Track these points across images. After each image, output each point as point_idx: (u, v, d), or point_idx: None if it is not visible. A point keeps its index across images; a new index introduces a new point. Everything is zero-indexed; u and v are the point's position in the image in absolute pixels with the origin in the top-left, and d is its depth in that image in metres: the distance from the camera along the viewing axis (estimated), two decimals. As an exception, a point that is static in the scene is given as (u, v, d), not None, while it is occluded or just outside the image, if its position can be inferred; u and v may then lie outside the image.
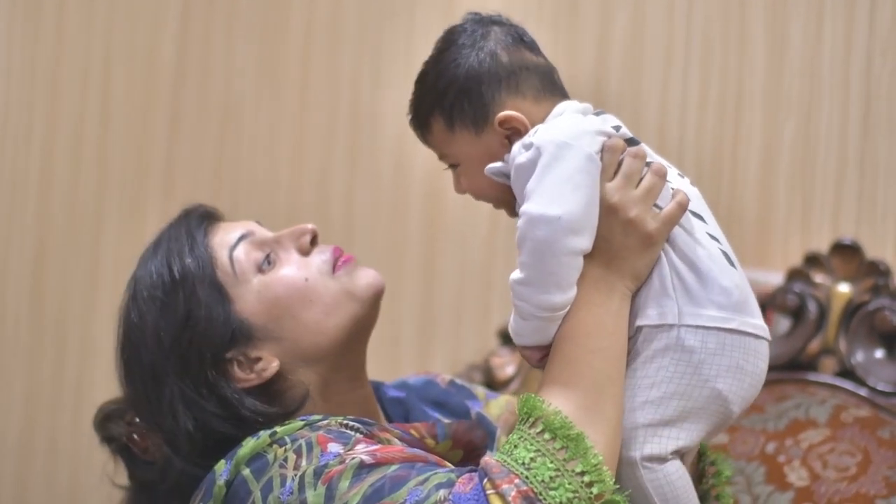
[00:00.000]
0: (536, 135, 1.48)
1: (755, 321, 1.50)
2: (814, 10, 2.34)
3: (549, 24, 2.56)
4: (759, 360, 1.50)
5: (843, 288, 2.08)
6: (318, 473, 1.42)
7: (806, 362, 2.07)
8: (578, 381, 1.43)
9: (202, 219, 1.66)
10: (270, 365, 1.60)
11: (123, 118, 2.82)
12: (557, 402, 1.41)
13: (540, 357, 1.50)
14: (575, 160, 1.45)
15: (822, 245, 2.20)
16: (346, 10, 2.72)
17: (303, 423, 1.53)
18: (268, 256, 1.63)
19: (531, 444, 1.38)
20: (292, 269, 1.62)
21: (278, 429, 1.51)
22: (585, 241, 1.45)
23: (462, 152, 1.57)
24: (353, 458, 1.42)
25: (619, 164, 1.49)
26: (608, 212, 1.46)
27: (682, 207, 1.50)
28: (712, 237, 1.53)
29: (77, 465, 2.82)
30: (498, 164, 1.52)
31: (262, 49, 2.78)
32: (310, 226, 1.66)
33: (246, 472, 1.48)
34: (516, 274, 1.46)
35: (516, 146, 1.50)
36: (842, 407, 1.97)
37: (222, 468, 1.51)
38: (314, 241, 1.67)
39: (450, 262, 2.60)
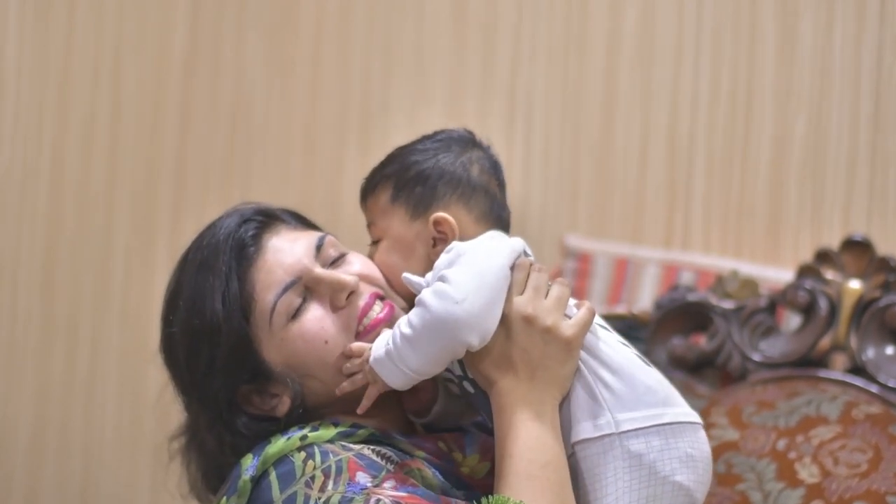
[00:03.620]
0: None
1: (684, 409, 1.54)
2: (824, 5, 2.34)
3: (559, 20, 2.56)
4: (701, 444, 1.54)
5: (854, 284, 2.07)
6: None
7: (817, 359, 2.07)
8: (542, 495, 1.45)
9: (251, 241, 1.60)
10: (283, 404, 1.60)
11: (134, 114, 2.83)
12: None
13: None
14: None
15: (833, 241, 2.19)
16: (356, 4, 2.73)
17: (335, 431, 1.54)
18: (302, 304, 1.58)
19: None
20: (316, 326, 1.58)
21: (309, 433, 1.53)
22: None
23: (390, 228, 1.61)
24: (379, 501, 1.42)
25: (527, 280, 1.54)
26: (526, 323, 1.50)
27: (592, 313, 1.55)
28: (623, 344, 1.58)
29: (88, 462, 2.83)
30: (419, 280, 1.55)
31: (272, 43, 2.78)
32: (350, 283, 1.58)
33: (272, 475, 1.49)
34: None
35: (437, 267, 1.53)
36: (853, 403, 1.97)
37: (249, 462, 1.52)
38: (351, 295, 1.59)
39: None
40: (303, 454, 1.49)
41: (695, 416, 1.55)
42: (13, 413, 2.82)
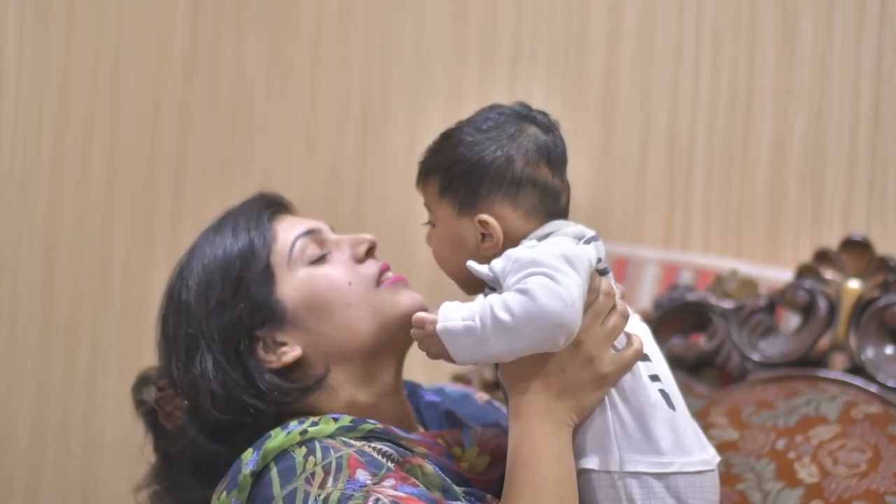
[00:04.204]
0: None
1: (695, 458, 1.54)
2: (824, 5, 2.33)
3: (559, 20, 2.56)
4: (707, 492, 1.54)
5: (854, 284, 2.07)
6: (340, 502, 1.43)
7: (816, 359, 2.07)
8: None
9: (272, 204, 1.73)
10: (293, 351, 1.62)
11: (134, 114, 2.83)
12: None
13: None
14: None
15: (833, 241, 2.19)
16: (355, 4, 2.73)
17: (335, 425, 1.54)
18: (324, 256, 1.67)
19: None
20: (340, 270, 1.66)
21: (309, 428, 1.53)
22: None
23: (440, 218, 1.62)
24: (378, 500, 1.43)
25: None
26: (573, 346, 1.50)
27: (638, 354, 1.55)
28: (654, 378, 1.56)
29: (88, 463, 2.83)
30: (482, 268, 1.54)
31: (272, 43, 2.78)
32: (369, 236, 1.71)
33: (273, 472, 1.49)
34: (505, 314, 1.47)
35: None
36: (852, 403, 1.97)
37: (249, 457, 1.52)
38: (370, 252, 1.71)
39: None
40: (303, 449, 1.49)
41: (705, 463, 1.55)
42: (13, 413, 2.82)
